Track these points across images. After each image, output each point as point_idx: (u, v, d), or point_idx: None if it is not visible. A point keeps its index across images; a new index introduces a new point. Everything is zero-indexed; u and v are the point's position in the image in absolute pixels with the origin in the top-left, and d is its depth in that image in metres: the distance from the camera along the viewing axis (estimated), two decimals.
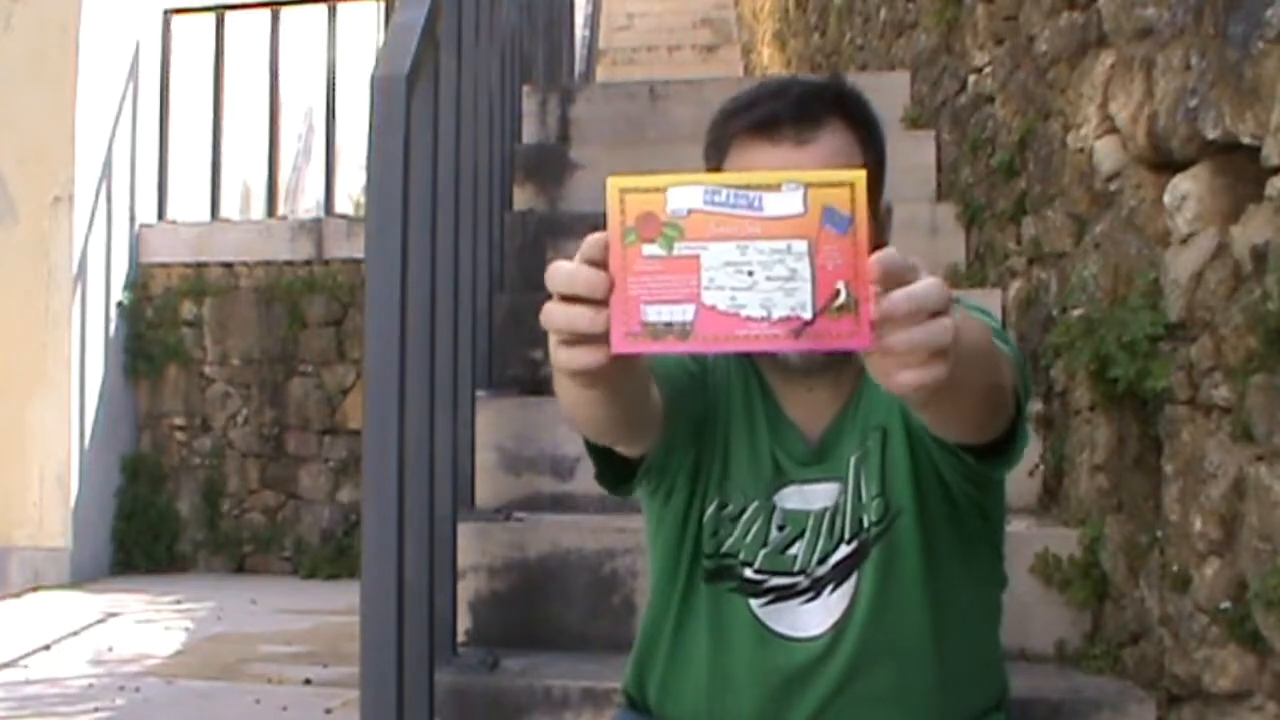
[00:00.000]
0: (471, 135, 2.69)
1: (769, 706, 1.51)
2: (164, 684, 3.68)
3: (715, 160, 1.45)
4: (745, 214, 0.85)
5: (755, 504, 1.53)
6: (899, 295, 0.90)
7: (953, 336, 0.95)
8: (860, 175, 0.85)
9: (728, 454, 1.54)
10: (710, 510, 1.54)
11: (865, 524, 1.49)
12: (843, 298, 0.85)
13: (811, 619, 1.51)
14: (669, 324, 0.88)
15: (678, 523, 1.55)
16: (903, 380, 0.95)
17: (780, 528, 1.52)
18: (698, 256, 0.86)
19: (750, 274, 0.85)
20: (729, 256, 0.85)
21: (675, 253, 0.86)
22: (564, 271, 0.96)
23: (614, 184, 0.88)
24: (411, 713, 1.92)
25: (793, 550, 1.52)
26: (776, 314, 0.86)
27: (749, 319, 0.86)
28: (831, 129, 1.41)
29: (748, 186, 0.85)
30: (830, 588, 1.50)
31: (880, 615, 1.49)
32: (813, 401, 1.52)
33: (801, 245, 0.84)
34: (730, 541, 1.53)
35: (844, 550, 1.49)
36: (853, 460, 1.49)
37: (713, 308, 0.86)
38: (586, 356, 0.97)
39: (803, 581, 1.51)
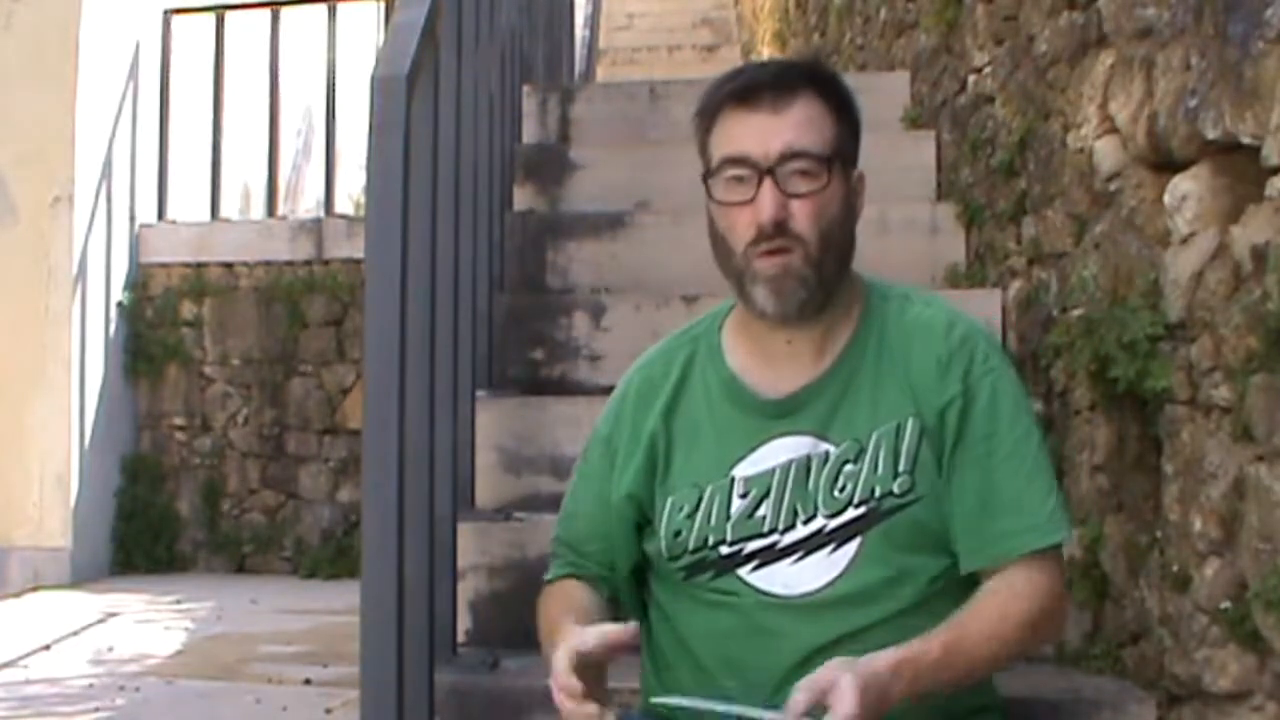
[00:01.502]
0: (471, 135, 2.69)
1: (762, 667, 1.52)
2: (164, 684, 3.68)
3: (705, 125, 1.59)
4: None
5: (710, 487, 1.58)
6: None
7: None
8: None
9: (670, 463, 1.61)
10: (665, 521, 1.59)
11: (877, 493, 1.53)
12: None
13: (805, 576, 1.53)
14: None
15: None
16: None
17: (743, 495, 1.56)
18: None
19: None
20: None
21: None
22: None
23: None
24: (411, 713, 1.92)
25: (760, 512, 1.55)
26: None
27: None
28: (805, 99, 1.55)
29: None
30: (832, 547, 1.53)
31: (879, 581, 1.52)
32: (790, 357, 1.58)
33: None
34: (694, 534, 1.57)
35: (851, 513, 1.53)
36: (875, 433, 1.54)
37: None
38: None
39: (781, 540, 1.54)
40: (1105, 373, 2.09)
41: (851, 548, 1.53)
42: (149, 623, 4.69)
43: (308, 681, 3.67)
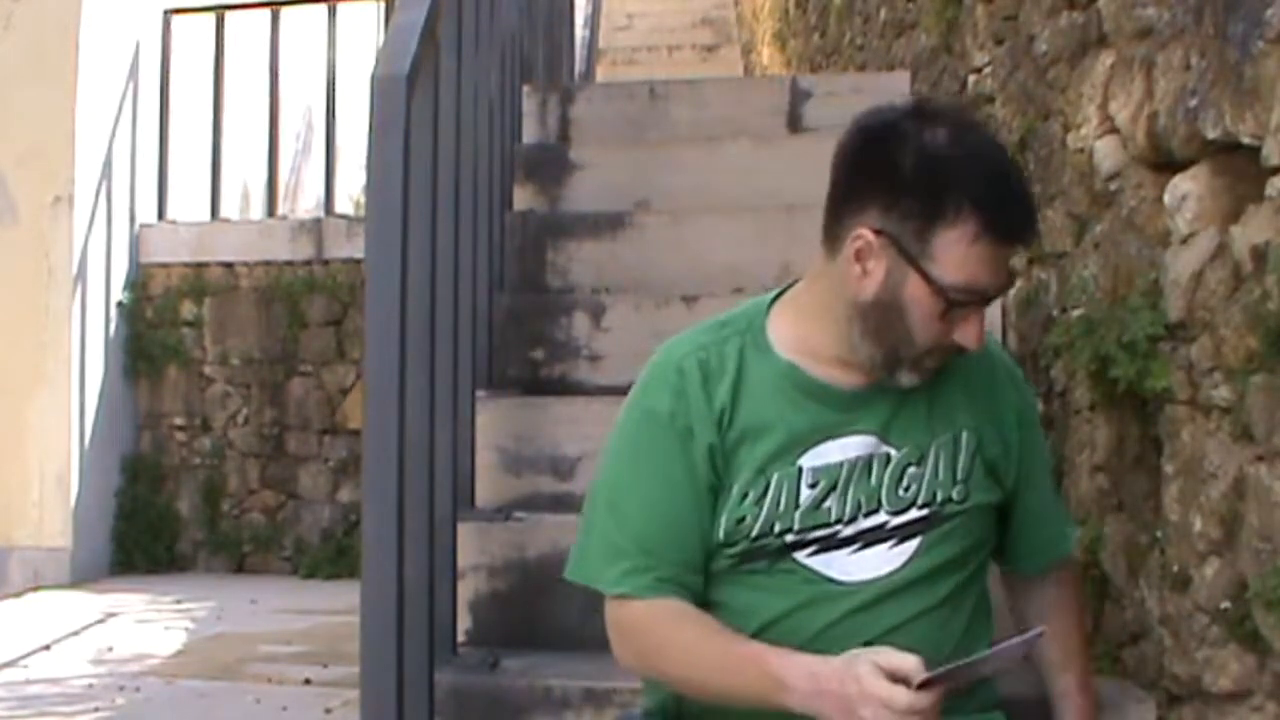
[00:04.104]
0: (471, 135, 2.69)
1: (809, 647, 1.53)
2: (164, 684, 3.68)
3: (920, 210, 1.51)
4: None
5: (777, 474, 1.57)
6: None
7: None
8: None
9: (735, 447, 1.58)
10: (728, 506, 1.58)
11: (939, 498, 1.59)
12: None
13: (864, 566, 1.57)
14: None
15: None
16: None
17: (812, 485, 1.57)
18: None
19: None
20: None
21: None
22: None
23: None
24: (411, 713, 1.92)
25: (827, 504, 1.57)
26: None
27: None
28: None
29: None
30: (893, 542, 1.57)
31: (925, 580, 1.57)
32: (843, 362, 1.61)
33: None
34: (760, 521, 1.57)
35: (914, 513, 1.58)
36: (934, 443, 1.61)
37: None
38: None
39: (842, 530, 1.56)
40: (1105, 373, 2.08)
41: (910, 546, 1.58)
42: (149, 623, 4.69)
43: (308, 681, 3.67)
